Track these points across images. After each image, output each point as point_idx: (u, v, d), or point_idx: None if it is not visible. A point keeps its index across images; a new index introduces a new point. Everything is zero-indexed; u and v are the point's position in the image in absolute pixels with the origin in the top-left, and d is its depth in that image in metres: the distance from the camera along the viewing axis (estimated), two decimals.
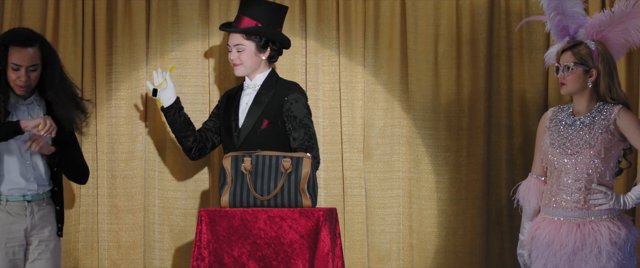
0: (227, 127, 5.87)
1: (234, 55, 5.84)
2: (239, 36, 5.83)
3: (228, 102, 5.95)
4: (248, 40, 5.83)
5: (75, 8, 6.42)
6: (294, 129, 5.75)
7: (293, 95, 5.80)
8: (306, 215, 5.34)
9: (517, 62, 6.36)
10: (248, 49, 5.83)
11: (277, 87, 5.84)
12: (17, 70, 5.28)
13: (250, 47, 5.83)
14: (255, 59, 5.85)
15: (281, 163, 5.43)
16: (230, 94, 6.00)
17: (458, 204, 6.35)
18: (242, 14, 5.86)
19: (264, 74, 5.89)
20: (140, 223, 6.40)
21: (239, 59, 5.84)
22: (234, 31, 5.84)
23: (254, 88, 5.87)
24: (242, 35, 5.83)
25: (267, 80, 5.87)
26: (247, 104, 5.85)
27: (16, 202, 5.24)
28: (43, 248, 5.30)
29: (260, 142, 5.74)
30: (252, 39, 5.83)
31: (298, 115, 5.76)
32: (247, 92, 5.89)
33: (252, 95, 5.86)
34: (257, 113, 5.78)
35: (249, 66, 5.85)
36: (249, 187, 5.46)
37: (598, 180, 5.12)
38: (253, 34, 5.82)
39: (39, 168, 5.31)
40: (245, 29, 5.82)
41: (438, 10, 6.38)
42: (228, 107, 5.93)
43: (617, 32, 5.28)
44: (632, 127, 5.09)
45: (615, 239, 5.07)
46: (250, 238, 5.35)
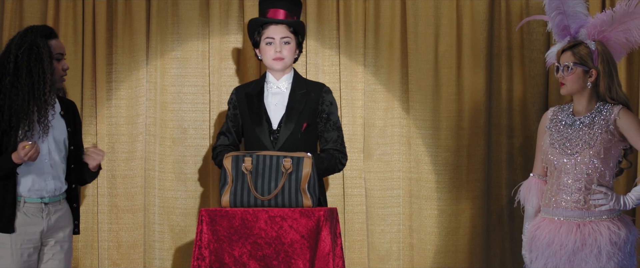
0: (261, 130, 5.70)
1: (279, 48, 5.65)
2: (285, 29, 5.68)
3: (250, 101, 5.76)
4: (293, 34, 5.69)
5: (75, 8, 6.43)
6: (327, 130, 5.68)
7: (329, 97, 5.72)
8: (307, 215, 5.34)
9: (517, 62, 6.37)
10: (292, 43, 5.69)
11: (307, 87, 5.73)
12: (61, 60, 5.28)
13: (293, 41, 5.69)
14: (293, 55, 5.71)
15: (282, 163, 5.43)
16: (249, 92, 5.79)
17: (458, 204, 6.35)
18: (280, 8, 5.69)
19: (290, 74, 5.75)
20: (140, 223, 6.41)
21: (282, 53, 5.66)
22: (288, 23, 5.68)
23: (282, 88, 5.72)
24: (289, 28, 5.68)
25: (295, 81, 5.74)
26: (275, 105, 5.71)
27: (33, 203, 5.23)
28: (58, 249, 5.29)
29: (298, 145, 5.66)
30: (295, 34, 5.69)
31: (332, 118, 5.69)
32: (274, 91, 5.73)
33: (281, 96, 5.71)
34: (296, 115, 5.66)
35: (288, 62, 5.69)
36: (249, 186, 5.46)
37: (598, 180, 5.12)
38: (301, 29, 5.71)
39: (57, 167, 5.29)
40: (297, 22, 5.70)
41: (438, 10, 6.39)
42: (252, 107, 5.74)
43: (618, 32, 5.29)
44: (632, 128, 5.09)
45: (615, 239, 5.07)
46: (250, 238, 5.35)
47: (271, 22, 5.67)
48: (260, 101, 5.70)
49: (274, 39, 5.65)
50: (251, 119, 5.69)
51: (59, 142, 5.29)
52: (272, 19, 5.66)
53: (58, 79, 5.26)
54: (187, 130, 6.45)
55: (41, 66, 5.15)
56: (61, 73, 5.27)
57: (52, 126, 5.25)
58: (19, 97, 5.14)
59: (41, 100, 5.16)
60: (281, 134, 5.65)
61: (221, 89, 6.41)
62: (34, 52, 5.16)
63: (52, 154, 5.26)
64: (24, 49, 5.16)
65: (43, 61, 5.15)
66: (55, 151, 5.27)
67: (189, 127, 6.45)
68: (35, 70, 5.15)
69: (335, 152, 5.68)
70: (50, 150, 5.25)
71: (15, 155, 5.07)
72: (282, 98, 5.69)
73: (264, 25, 5.68)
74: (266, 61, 5.69)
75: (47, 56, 5.16)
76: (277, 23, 5.65)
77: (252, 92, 5.75)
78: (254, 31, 5.72)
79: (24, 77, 5.15)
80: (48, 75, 5.16)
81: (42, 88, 5.15)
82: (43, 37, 5.20)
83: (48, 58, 5.17)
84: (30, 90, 5.14)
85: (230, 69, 6.44)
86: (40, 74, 5.15)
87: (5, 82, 5.15)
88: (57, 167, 5.28)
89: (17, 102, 5.13)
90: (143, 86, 6.43)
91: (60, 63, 5.26)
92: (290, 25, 5.66)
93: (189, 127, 6.45)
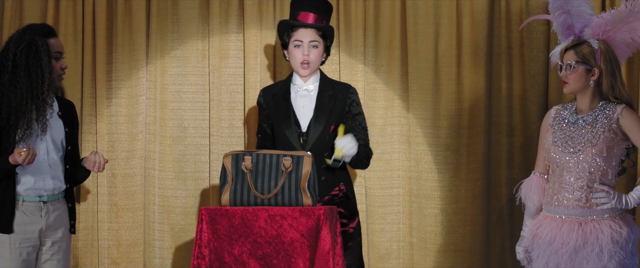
0: (290, 132, 5.69)
1: (307, 51, 5.64)
2: (314, 32, 5.66)
3: (277, 102, 5.74)
4: (321, 38, 5.67)
5: (75, 7, 6.43)
6: (353, 130, 5.65)
7: (355, 97, 5.70)
8: (307, 214, 5.34)
9: (517, 60, 6.37)
10: (320, 47, 5.67)
11: (334, 88, 5.71)
12: (60, 59, 5.27)
13: (321, 45, 5.67)
14: (320, 59, 5.70)
15: (282, 162, 5.43)
16: (276, 93, 5.76)
17: (458, 203, 6.35)
18: (310, 11, 5.68)
19: (317, 76, 5.73)
20: (140, 221, 6.40)
21: (309, 57, 5.64)
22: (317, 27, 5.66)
23: (310, 89, 5.71)
24: (318, 32, 5.67)
25: (322, 82, 5.72)
26: (304, 106, 5.70)
27: (32, 202, 5.22)
28: (56, 249, 5.29)
29: (326, 147, 5.64)
30: (323, 38, 5.68)
31: (358, 118, 5.68)
32: (302, 93, 5.71)
33: (309, 98, 5.70)
34: (324, 118, 5.64)
35: (314, 65, 5.68)
36: (249, 185, 5.45)
37: (600, 178, 5.12)
38: (330, 33, 5.71)
39: (55, 167, 5.29)
40: (326, 26, 5.69)
41: (438, 9, 6.39)
42: (280, 108, 5.73)
43: (624, 31, 5.28)
44: (635, 127, 5.09)
45: (617, 238, 5.07)
46: (250, 237, 5.35)
47: (301, 26, 5.66)
48: (288, 102, 5.70)
49: (302, 42, 5.64)
50: (279, 120, 5.69)
51: (57, 142, 5.28)
52: (302, 23, 5.66)
53: (56, 77, 5.25)
54: (187, 129, 6.45)
55: (39, 65, 5.14)
56: (59, 72, 5.26)
57: (50, 126, 5.24)
58: (17, 95, 5.13)
59: (39, 99, 5.14)
60: (310, 136, 5.64)
61: (221, 87, 6.41)
62: (33, 51, 5.14)
63: (51, 154, 5.25)
64: (22, 47, 5.15)
65: (41, 59, 5.14)
66: (53, 151, 5.26)
67: (188, 126, 6.45)
68: (34, 69, 5.14)
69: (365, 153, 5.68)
70: (49, 150, 5.25)
71: (12, 157, 5.06)
72: (309, 100, 5.69)
73: (293, 27, 5.68)
74: (293, 64, 5.69)
75: (45, 55, 5.15)
76: (306, 27, 5.65)
77: (279, 92, 5.74)
78: (283, 32, 5.71)
79: (22, 75, 5.13)
80: (46, 74, 5.15)
81: (40, 87, 5.14)
82: (42, 36, 5.18)
83: (46, 56, 5.16)
84: (29, 88, 5.13)
85: (230, 67, 6.44)
86: (38, 73, 5.14)
87: (3, 81, 5.14)
88: (55, 166, 5.27)
89: (15, 100, 5.12)
90: (143, 85, 6.42)
91: (58, 62, 5.25)
92: (320, 30, 5.65)
93: (189, 126, 6.45)
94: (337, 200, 5.67)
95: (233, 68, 6.44)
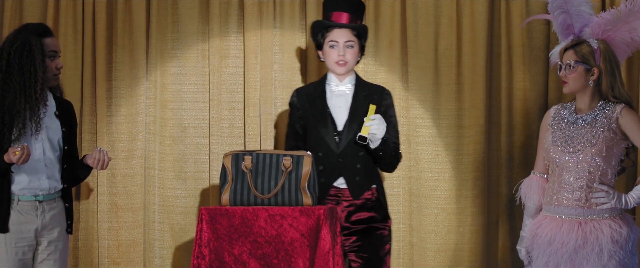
0: (326, 131, 5.62)
1: (342, 52, 5.58)
2: (349, 32, 5.60)
3: (312, 102, 5.68)
4: (356, 38, 5.62)
5: (75, 6, 6.43)
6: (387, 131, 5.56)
7: (389, 100, 5.68)
8: (307, 214, 5.34)
9: (518, 60, 6.37)
10: (356, 47, 5.62)
11: (369, 89, 5.67)
12: (55, 59, 5.27)
13: (357, 45, 5.62)
14: (355, 59, 5.65)
15: (282, 162, 5.43)
16: (310, 93, 5.72)
17: (458, 203, 6.35)
18: (344, 11, 5.62)
19: (352, 76, 5.68)
20: (140, 221, 6.40)
21: (345, 57, 5.59)
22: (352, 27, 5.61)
23: (345, 90, 5.66)
24: (353, 32, 5.61)
25: (358, 83, 5.67)
26: (340, 107, 5.64)
27: (27, 201, 5.22)
28: (52, 249, 5.28)
29: (360, 147, 5.58)
30: (358, 38, 5.63)
31: (392, 120, 5.63)
32: (338, 93, 5.66)
33: (344, 98, 5.64)
34: (359, 117, 5.57)
35: (350, 65, 5.63)
36: (249, 185, 5.45)
37: (600, 178, 5.12)
38: (364, 33, 5.66)
39: (51, 166, 5.28)
40: (361, 26, 5.64)
41: (438, 9, 6.39)
42: (316, 108, 5.67)
43: (623, 31, 5.28)
44: (635, 126, 5.09)
45: (617, 238, 5.07)
46: (250, 237, 5.35)
47: (335, 26, 5.61)
48: (324, 102, 5.65)
49: (337, 43, 5.59)
50: (315, 119, 5.64)
51: (54, 141, 5.28)
52: (336, 23, 5.61)
53: (51, 77, 5.24)
54: (187, 129, 6.45)
55: (32, 64, 5.14)
56: (54, 71, 5.25)
57: (46, 126, 5.24)
58: (10, 94, 5.13)
59: (32, 98, 5.14)
60: (344, 136, 5.59)
61: (221, 87, 6.41)
62: (26, 50, 5.14)
63: (47, 153, 5.25)
64: (16, 47, 5.16)
65: (34, 59, 5.14)
66: (49, 150, 5.26)
67: (188, 126, 6.45)
68: (27, 68, 5.14)
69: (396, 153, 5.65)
70: (45, 149, 5.24)
71: (7, 156, 5.06)
72: (345, 100, 5.63)
73: (328, 27, 5.62)
74: (329, 64, 5.64)
75: (38, 54, 5.15)
76: (341, 27, 5.59)
77: (314, 92, 5.69)
78: (317, 33, 5.66)
79: (15, 74, 5.13)
80: (39, 73, 5.14)
81: (33, 86, 5.14)
82: (36, 35, 5.18)
83: (40, 56, 5.15)
84: (22, 87, 5.13)
85: (230, 67, 6.44)
86: (31, 72, 5.14)
87: None
88: (51, 166, 5.27)
89: (8, 99, 5.13)
90: (143, 85, 6.43)
91: (54, 61, 5.25)
92: (354, 29, 5.60)
93: (189, 126, 6.45)
94: (369, 205, 5.63)
95: (233, 68, 6.44)
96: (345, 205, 5.61)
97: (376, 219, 5.62)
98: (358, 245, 5.62)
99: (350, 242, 5.62)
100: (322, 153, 5.61)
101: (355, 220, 5.61)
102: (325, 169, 5.60)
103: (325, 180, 5.59)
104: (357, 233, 5.62)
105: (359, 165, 5.59)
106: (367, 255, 5.61)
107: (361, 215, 5.62)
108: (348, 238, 5.61)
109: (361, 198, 5.61)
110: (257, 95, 6.41)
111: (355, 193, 5.59)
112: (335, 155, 5.59)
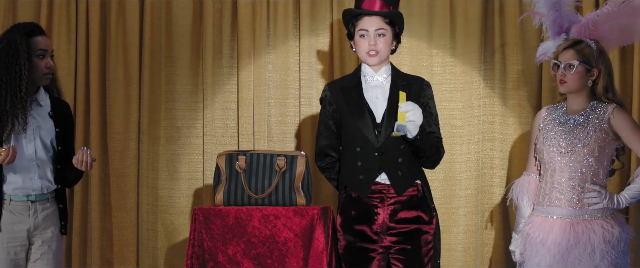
0: (363, 123, 5.28)
1: (373, 41, 5.25)
2: (380, 20, 5.26)
3: (346, 95, 5.34)
4: (389, 26, 5.28)
5: (68, 7, 6.43)
6: (429, 125, 5.30)
7: (429, 91, 5.35)
8: (300, 214, 5.34)
9: (511, 60, 6.37)
10: (388, 35, 5.27)
11: (408, 80, 5.33)
12: (44, 58, 5.26)
13: (389, 33, 5.28)
14: (389, 48, 5.30)
15: (275, 162, 5.43)
16: (344, 85, 5.37)
17: (451, 202, 6.36)
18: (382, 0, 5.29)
19: (388, 66, 5.34)
20: (133, 221, 6.40)
21: (377, 46, 5.25)
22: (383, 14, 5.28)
23: (381, 81, 5.32)
24: (384, 19, 5.26)
25: (395, 73, 5.34)
26: (377, 97, 5.29)
27: (20, 201, 5.21)
28: (45, 249, 5.28)
29: (400, 140, 5.23)
30: (391, 26, 5.28)
31: (433, 113, 5.33)
32: (374, 84, 5.31)
33: (381, 89, 5.30)
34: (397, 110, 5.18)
35: (383, 55, 5.28)
36: (243, 185, 5.46)
37: (592, 178, 5.13)
38: (398, 19, 5.30)
39: (44, 166, 5.28)
40: (393, 13, 5.29)
41: (432, 8, 6.39)
42: (351, 100, 5.33)
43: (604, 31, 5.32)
44: (627, 126, 5.11)
45: (609, 238, 5.08)
46: (244, 237, 5.35)
47: (365, 14, 5.29)
48: (360, 94, 5.31)
49: (368, 31, 5.26)
50: (351, 112, 5.30)
51: (46, 142, 5.27)
52: (365, 10, 5.29)
53: (41, 76, 5.23)
54: (180, 129, 6.45)
55: (17, 63, 5.13)
56: (44, 70, 5.24)
57: (38, 125, 5.24)
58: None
59: (17, 97, 5.14)
60: (384, 128, 5.24)
61: (214, 87, 6.41)
62: (12, 49, 5.14)
63: (39, 153, 5.25)
64: (2, 46, 5.15)
65: (19, 57, 5.13)
66: (42, 150, 5.26)
67: (182, 126, 6.45)
68: (12, 67, 5.13)
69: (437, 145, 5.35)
70: (37, 149, 5.24)
71: None
72: (382, 91, 5.30)
73: (358, 15, 5.30)
74: (360, 54, 5.32)
75: (24, 52, 5.14)
76: (371, 14, 5.27)
77: (348, 85, 5.35)
78: (348, 22, 5.34)
79: (1, 74, 5.14)
80: (24, 72, 5.14)
81: (18, 84, 5.13)
82: (24, 34, 5.17)
83: (25, 54, 5.14)
84: (7, 87, 5.13)
85: (224, 67, 6.44)
86: (17, 71, 5.13)
87: None
88: (44, 166, 5.26)
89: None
90: (136, 85, 6.42)
91: (43, 60, 5.23)
92: (386, 17, 5.26)
93: (182, 126, 6.45)
94: (415, 202, 5.32)
95: (226, 68, 6.44)
96: (390, 202, 5.28)
97: (422, 220, 5.31)
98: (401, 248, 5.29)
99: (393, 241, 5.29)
100: (360, 147, 5.28)
101: (401, 219, 5.29)
102: (365, 165, 5.27)
103: (364, 177, 5.28)
104: (402, 234, 5.29)
105: (401, 159, 5.26)
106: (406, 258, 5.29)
107: (407, 214, 5.30)
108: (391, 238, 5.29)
109: (405, 195, 5.29)
110: (250, 95, 6.41)
111: (399, 189, 5.25)
112: (375, 149, 5.25)
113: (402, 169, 5.27)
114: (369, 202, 5.29)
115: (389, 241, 5.28)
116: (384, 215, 5.28)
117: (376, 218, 5.28)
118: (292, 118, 6.40)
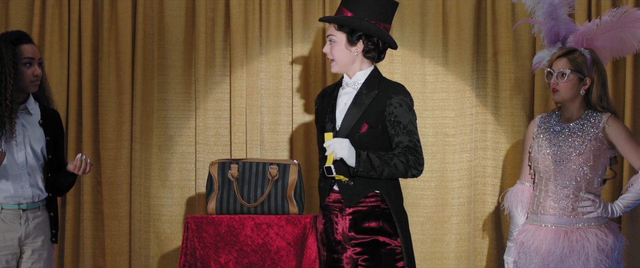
0: (323, 129, 5.23)
1: (327, 48, 5.21)
2: (331, 27, 5.19)
3: (324, 100, 5.31)
4: (339, 31, 5.17)
5: (61, 14, 6.42)
6: (397, 134, 5.11)
7: (397, 98, 5.12)
8: (293, 222, 5.34)
9: (504, 68, 6.38)
10: (339, 41, 5.17)
11: (380, 88, 5.16)
12: (31, 66, 5.25)
13: (341, 39, 5.17)
14: (346, 54, 5.18)
15: (268, 170, 5.43)
16: (326, 92, 5.35)
17: (444, 211, 6.36)
18: (342, 6, 5.21)
19: (365, 72, 5.20)
20: (125, 230, 6.39)
21: (331, 53, 5.20)
22: (324, 20, 5.26)
23: (354, 87, 5.21)
24: (335, 25, 5.17)
25: (368, 79, 5.20)
26: (345, 103, 5.20)
27: (11, 210, 5.21)
28: (36, 257, 5.27)
29: (358, 147, 5.09)
30: (343, 30, 5.16)
31: (402, 121, 5.11)
32: (346, 90, 5.24)
33: (352, 95, 5.21)
34: (356, 116, 5.12)
35: (340, 61, 5.19)
36: (235, 194, 5.45)
37: (586, 187, 5.13)
38: (341, 24, 5.17)
39: (34, 175, 5.27)
40: (334, 18, 5.17)
41: (424, 16, 6.39)
42: (324, 106, 5.28)
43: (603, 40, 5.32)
44: (621, 135, 5.11)
45: (603, 246, 5.08)
46: (237, 245, 5.35)
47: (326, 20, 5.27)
48: (333, 101, 5.26)
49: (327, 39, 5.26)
50: (323, 118, 5.25)
51: (37, 150, 5.27)
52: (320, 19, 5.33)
53: (28, 84, 5.24)
54: (173, 137, 6.44)
55: (2, 71, 5.14)
56: (31, 78, 5.24)
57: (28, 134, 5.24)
58: None
59: (2, 105, 5.14)
60: (340, 134, 5.14)
61: (207, 96, 6.41)
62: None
63: (29, 161, 5.24)
64: None
65: (4, 66, 5.14)
66: (33, 159, 5.25)
67: (174, 134, 6.44)
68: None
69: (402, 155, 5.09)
70: (27, 157, 5.24)
71: None
72: (350, 97, 5.23)
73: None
74: None
75: (9, 61, 5.14)
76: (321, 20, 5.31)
77: (328, 91, 5.34)
78: None
79: None
80: (9, 80, 5.14)
81: (3, 92, 5.14)
82: (10, 43, 5.18)
83: (10, 62, 5.15)
84: None
85: (217, 75, 6.43)
86: (2, 79, 5.14)
87: None
88: (35, 174, 5.26)
89: None
90: (129, 93, 6.42)
91: (30, 68, 5.23)
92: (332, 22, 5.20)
93: (175, 134, 6.45)
94: (377, 212, 5.13)
95: (219, 76, 6.43)
96: (348, 212, 5.13)
97: (385, 231, 5.11)
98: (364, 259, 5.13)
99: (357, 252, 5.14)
100: (321, 154, 5.23)
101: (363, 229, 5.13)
102: (322, 173, 5.18)
103: (323, 185, 5.20)
104: (363, 245, 5.14)
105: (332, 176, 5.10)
106: None
107: (368, 224, 5.13)
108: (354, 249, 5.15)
109: (364, 206, 5.13)
110: (243, 104, 6.40)
111: (348, 199, 5.11)
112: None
113: (354, 179, 5.11)
114: (330, 211, 5.19)
115: (353, 252, 5.14)
116: (343, 225, 5.14)
117: (336, 227, 5.17)
118: (285, 126, 6.40)
